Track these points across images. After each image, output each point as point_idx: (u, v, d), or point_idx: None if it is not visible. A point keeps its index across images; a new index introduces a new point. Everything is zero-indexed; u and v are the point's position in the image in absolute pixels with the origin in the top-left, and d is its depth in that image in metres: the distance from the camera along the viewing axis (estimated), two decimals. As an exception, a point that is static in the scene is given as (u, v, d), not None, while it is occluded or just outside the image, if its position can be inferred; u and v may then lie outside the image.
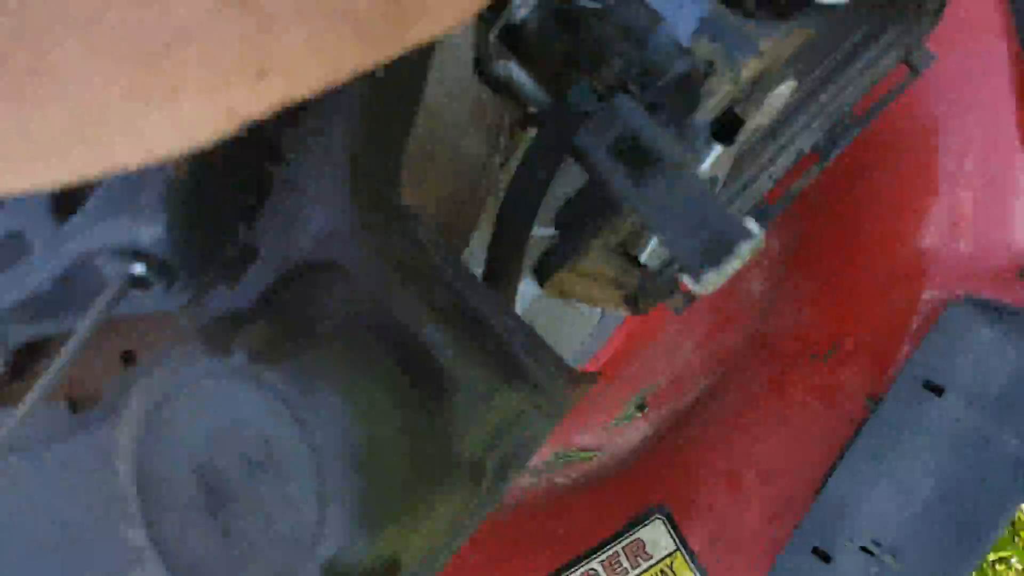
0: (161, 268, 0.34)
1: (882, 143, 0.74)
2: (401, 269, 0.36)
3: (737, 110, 0.51)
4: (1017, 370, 0.62)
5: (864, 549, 0.62)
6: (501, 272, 0.52)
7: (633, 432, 0.82)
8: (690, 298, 0.64)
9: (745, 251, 0.35)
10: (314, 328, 0.34)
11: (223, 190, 0.35)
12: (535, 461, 0.82)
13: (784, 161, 0.62)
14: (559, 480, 0.81)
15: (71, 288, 0.36)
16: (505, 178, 0.65)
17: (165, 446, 0.30)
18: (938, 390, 0.63)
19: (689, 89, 0.44)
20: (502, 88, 0.53)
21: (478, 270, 0.48)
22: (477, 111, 0.51)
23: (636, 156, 0.39)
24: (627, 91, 0.51)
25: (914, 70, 0.61)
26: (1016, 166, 0.69)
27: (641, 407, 0.79)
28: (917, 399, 0.63)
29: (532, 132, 0.63)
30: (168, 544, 0.30)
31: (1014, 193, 0.69)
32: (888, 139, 0.74)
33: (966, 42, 0.70)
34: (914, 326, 0.69)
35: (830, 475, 0.65)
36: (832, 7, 0.43)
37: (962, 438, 0.62)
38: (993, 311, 0.66)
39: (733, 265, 0.36)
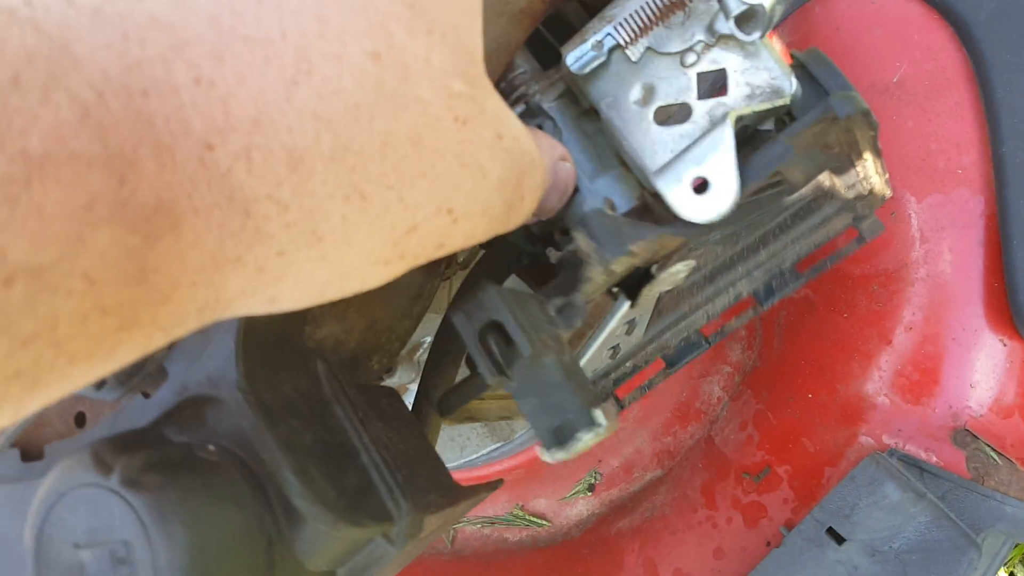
0: (91, 378, 0.44)
1: (854, 278, 0.76)
2: (277, 410, 0.43)
3: (652, 269, 0.56)
4: (923, 533, 0.64)
5: (745, 670, 0.66)
6: (424, 400, 0.59)
7: (582, 507, 0.88)
8: (621, 405, 0.69)
9: (587, 440, 0.40)
10: (193, 455, 0.42)
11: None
12: (490, 511, 0.89)
13: (722, 302, 0.65)
14: (508, 536, 0.88)
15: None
16: (454, 287, 0.72)
17: (56, 529, 0.40)
18: (839, 538, 0.66)
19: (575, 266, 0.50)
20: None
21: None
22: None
23: (504, 339, 0.45)
24: (552, 238, 0.57)
25: (861, 238, 0.63)
26: (974, 328, 0.70)
27: (591, 487, 0.85)
28: (818, 542, 0.66)
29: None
30: (50, 604, 0.40)
31: (966, 354, 0.70)
32: (861, 275, 0.75)
33: (944, 193, 0.71)
34: (843, 467, 0.72)
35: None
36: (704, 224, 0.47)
37: (857, 586, 0.65)
38: (915, 468, 0.68)
39: (578, 447, 0.41)
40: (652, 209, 0.52)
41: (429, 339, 0.83)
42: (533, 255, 0.61)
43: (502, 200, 0.38)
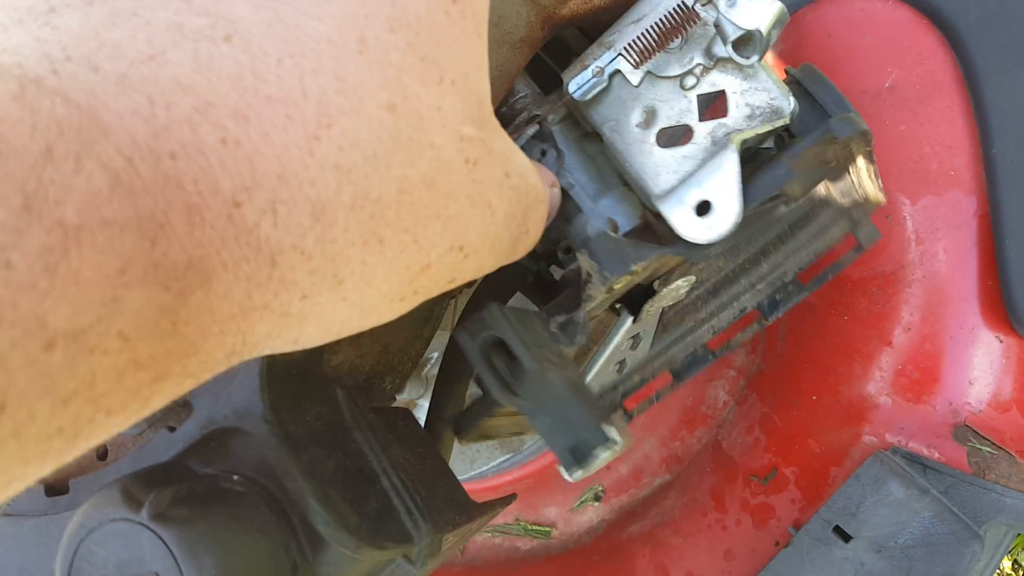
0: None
1: (853, 281, 0.77)
2: (300, 439, 0.45)
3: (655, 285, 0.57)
4: (927, 527, 0.65)
5: (758, 669, 0.67)
6: (436, 418, 0.60)
7: (592, 514, 0.89)
8: (629, 416, 0.70)
9: (605, 457, 0.41)
10: (219, 487, 0.43)
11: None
12: (500, 520, 0.90)
13: (727, 316, 0.67)
14: (520, 545, 0.89)
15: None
16: (460, 304, 0.73)
17: (87, 563, 0.41)
18: (846, 536, 0.67)
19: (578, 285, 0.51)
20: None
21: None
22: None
23: (508, 355, 0.46)
24: (556, 256, 0.58)
25: (859, 246, 0.64)
26: (971, 326, 0.71)
27: (598, 497, 0.86)
28: (825, 541, 0.67)
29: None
30: (81, 631, 0.41)
31: (964, 351, 0.71)
32: (860, 278, 0.77)
33: (937, 195, 0.72)
34: (848, 466, 0.73)
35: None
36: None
37: (865, 583, 0.66)
38: (918, 465, 0.69)
39: (596, 465, 0.42)
40: (654, 228, 0.53)
41: (436, 355, 0.85)
42: (537, 273, 0.63)
43: (508, 235, 0.39)
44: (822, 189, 0.62)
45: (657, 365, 0.68)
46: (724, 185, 0.47)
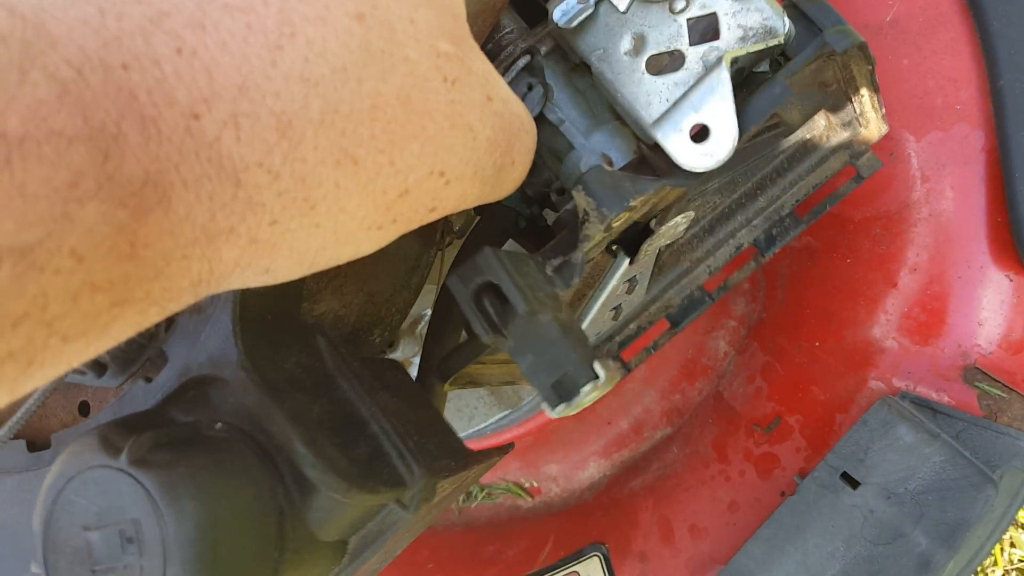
0: (91, 363, 0.44)
1: (856, 223, 0.75)
2: (281, 386, 0.43)
3: (652, 224, 0.55)
4: (938, 472, 0.64)
5: (765, 618, 0.66)
6: (427, 368, 0.59)
7: (594, 470, 0.88)
8: (628, 368, 0.68)
9: (589, 392, 0.40)
10: (200, 434, 0.42)
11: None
12: (490, 480, 0.89)
13: (723, 254, 0.64)
14: (520, 504, 0.88)
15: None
16: (449, 257, 0.71)
17: (65, 512, 0.40)
18: (854, 483, 0.66)
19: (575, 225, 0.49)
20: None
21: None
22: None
23: (498, 293, 0.44)
24: (549, 199, 0.56)
25: (859, 176, 0.62)
26: (979, 265, 0.69)
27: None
28: (832, 488, 0.66)
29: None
30: (57, 584, 0.39)
31: (973, 292, 0.69)
32: (863, 219, 0.75)
33: (943, 130, 0.70)
34: (854, 413, 0.71)
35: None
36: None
37: (874, 529, 0.64)
38: (928, 410, 0.67)
39: (579, 401, 0.41)
40: (650, 161, 0.51)
41: (430, 312, 0.83)
42: (530, 218, 0.61)
43: (492, 163, 0.37)
44: (821, 120, 0.60)
45: (654, 311, 0.66)
46: (719, 107, 0.44)
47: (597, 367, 0.40)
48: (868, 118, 0.58)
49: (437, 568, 0.83)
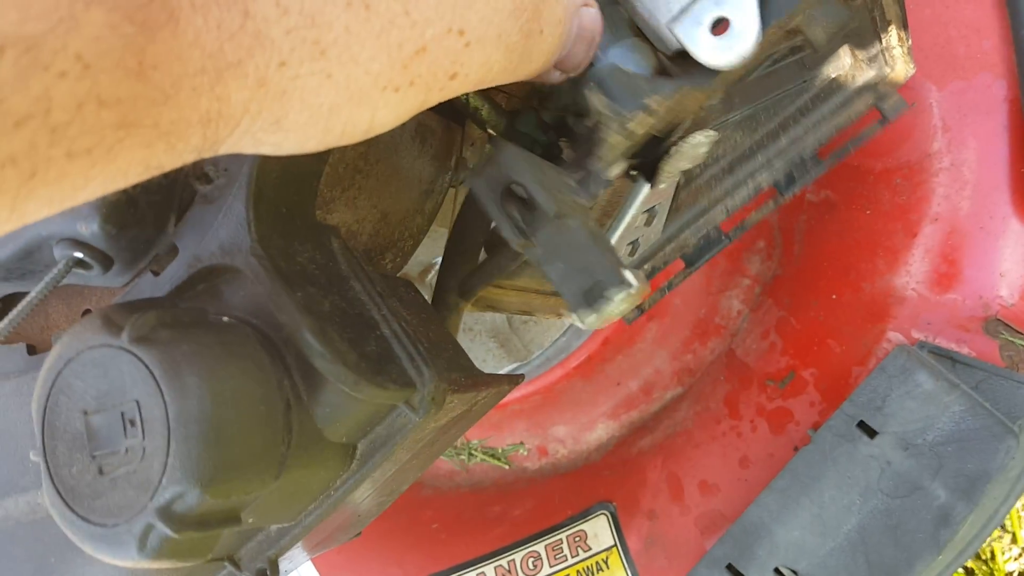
0: (98, 256, 0.42)
1: (876, 174, 0.74)
2: (293, 278, 0.42)
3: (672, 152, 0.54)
4: (957, 422, 0.62)
5: (778, 571, 0.64)
6: (444, 289, 0.57)
7: (602, 431, 0.86)
8: (642, 309, 0.67)
9: (618, 298, 0.38)
10: (206, 319, 0.40)
11: (152, 202, 0.42)
12: (508, 440, 0.88)
13: (742, 194, 0.63)
14: (528, 464, 0.86)
15: (35, 261, 0.45)
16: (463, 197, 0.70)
17: (64, 396, 0.38)
18: (871, 432, 0.64)
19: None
20: (466, 113, 0.58)
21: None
22: (421, 134, 0.56)
23: (520, 201, 0.43)
24: (566, 124, 0.55)
25: (884, 118, 0.61)
26: (1001, 215, 0.68)
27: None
28: (849, 437, 0.64)
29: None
30: (57, 469, 0.38)
31: (995, 242, 0.68)
32: (883, 169, 0.73)
33: (965, 79, 0.69)
34: (871, 365, 0.70)
35: (762, 497, 0.67)
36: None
37: (891, 482, 0.63)
38: (947, 360, 0.66)
39: (610, 310, 0.39)
40: (670, 72, 0.50)
41: (440, 259, 0.82)
42: (547, 146, 0.59)
43: (519, 28, 0.36)
44: (847, 57, 0.58)
45: (669, 251, 0.65)
46: (741, -1, 0.43)
47: (628, 275, 0.38)
48: (894, 54, 0.57)
49: (442, 528, 0.81)
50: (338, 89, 0.30)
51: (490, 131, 0.58)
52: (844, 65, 0.60)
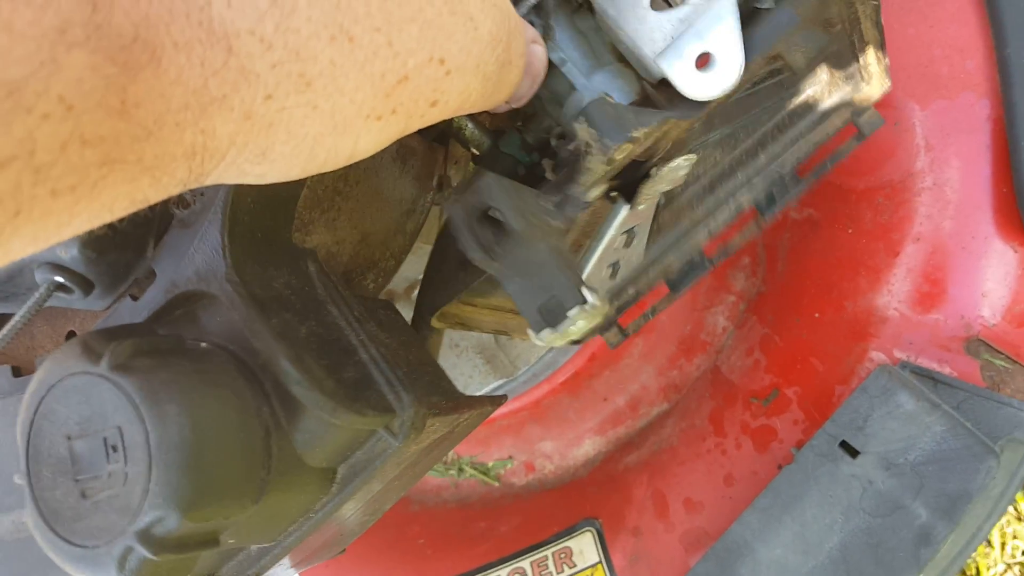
0: (78, 280, 0.43)
1: (858, 192, 0.74)
2: (269, 304, 0.42)
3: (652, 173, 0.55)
4: (939, 442, 0.62)
5: (760, 591, 0.65)
6: (422, 309, 0.58)
7: (589, 447, 0.86)
8: (625, 333, 0.67)
9: (578, 319, 0.39)
10: (184, 346, 0.41)
11: (131, 227, 0.43)
12: (496, 455, 0.88)
13: (723, 216, 0.64)
14: (515, 480, 0.86)
15: (17, 284, 0.45)
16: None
17: (47, 422, 0.38)
18: (853, 451, 0.65)
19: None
20: (450, 132, 0.58)
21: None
22: (402, 155, 0.56)
23: (494, 223, 0.43)
24: (549, 147, 0.56)
25: (860, 134, 0.61)
26: (983, 235, 0.68)
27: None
28: (831, 457, 0.64)
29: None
30: (41, 492, 0.38)
31: (977, 262, 0.68)
32: (865, 188, 0.74)
33: (948, 99, 0.69)
34: (854, 384, 0.70)
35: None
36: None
37: (873, 501, 0.63)
38: (928, 380, 0.66)
39: (569, 330, 0.40)
40: (653, 100, 0.50)
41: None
42: (529, 166, 0.60)
43: (495, 58, 0.37)
44: (824, 74, 0.59)
45: (652, 275, 0.65)
46: (724, 34, 0.44)
47: (586, 292, 0.39)
48: (871, 71, 0.57)
49: (428, 544, 0.81)
50: (323, 119, 0.31)
51: (473, 150, 0.59)
52: (821, 81, 0.61)
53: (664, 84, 0.49)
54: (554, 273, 0.40)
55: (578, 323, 0.39)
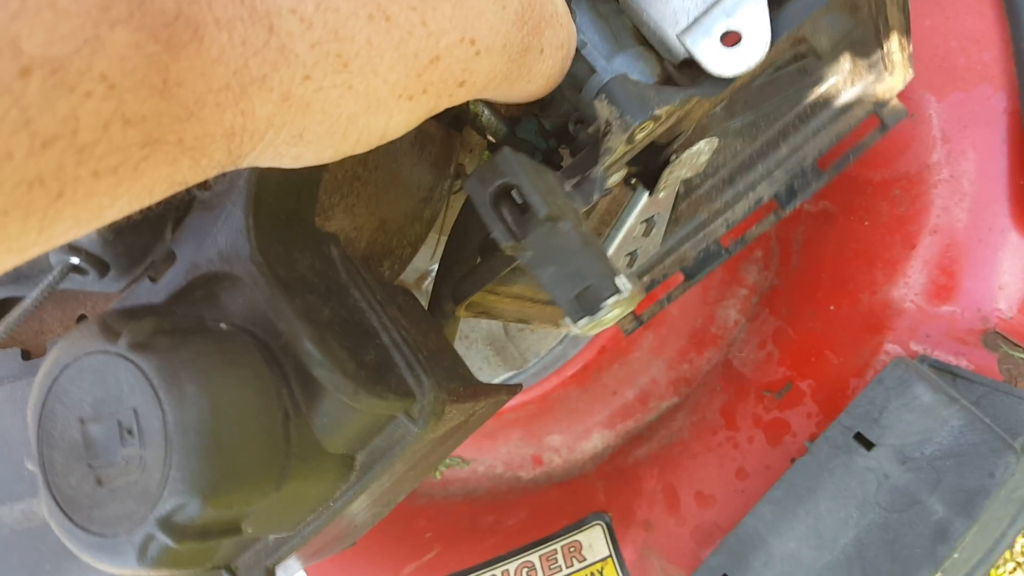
0: (94, 261, 0.42)
1: (874, 185, 0.74)
2: (292, 285, 0.41)
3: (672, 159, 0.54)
4: (956, 437, 0.62)
5: (774, 585, 0.64)
6: (440, 295, 0.57)
7: (597, 440, 0.86)
8: (640, 321, 0.66)
9: (612, 304, 0.38)
10: (205, 326, 0.40)
11: (149, 208, 0.42)
12: (503, 450, 0.87)
13: (742, 207, 0.63)
14: (522, 474, 0.86)
15: (30, 264, 0.44)
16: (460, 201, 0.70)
17: (60, 404, 0.37)
18: (868, 444, 0.64)
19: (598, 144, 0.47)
20: (466, 119, 0.57)
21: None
22: (420, 141, 0.56)
23: (519, 205, 0.42)
24: (567, 131, 0.55)
25: (884, 125, 0.61)
26: (1000, 227, 0.68)
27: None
28: (846, 449, 0.64)
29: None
30: (54, 479, 0.37)
31: (993, 255, 0.68)
32: (881, 181, 0.73)
33: (965, 91, 0.69)
34: (869, 377, 0.70)
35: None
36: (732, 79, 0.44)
37: (889, 495, 0.62)
38: (947, 375, 0.66)
39: (605, 317, 0.39)
40: (675, 81, 0.49)
41: (436, 267, 0.81)
42: (546, 152, 0.59)
43: (520, 39, 0.37)
44: (846, 63, 0.58)
45: (669, 264, 0.64)
46: (752, 10, 0.43)
47: (621, 281, 0.38)
48: (894, 60, 0.56)
49: (436, 538, 0.80)
50: (357, 99, 0.30)
51: (489, 137, 0.58)
52: (843, 70, 0.60)
53: (686, 65, 0.48)
54: (584, 258, 0.39)
55: (614, 311, 0.38)
